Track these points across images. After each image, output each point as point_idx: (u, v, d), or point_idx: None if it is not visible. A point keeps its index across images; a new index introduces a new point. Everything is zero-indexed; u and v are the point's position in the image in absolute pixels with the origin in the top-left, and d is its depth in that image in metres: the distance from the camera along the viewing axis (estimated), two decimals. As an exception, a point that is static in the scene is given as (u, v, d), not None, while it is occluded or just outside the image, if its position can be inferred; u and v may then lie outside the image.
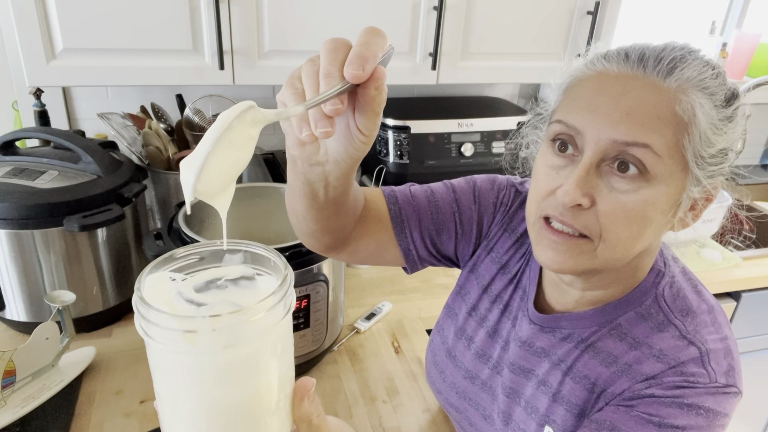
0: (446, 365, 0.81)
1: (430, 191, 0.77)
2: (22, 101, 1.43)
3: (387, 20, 1.28)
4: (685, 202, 0.56)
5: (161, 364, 0.38)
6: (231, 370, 0.38)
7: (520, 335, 0.71)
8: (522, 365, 0.70)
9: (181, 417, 0.40)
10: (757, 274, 1.52)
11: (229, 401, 0.38)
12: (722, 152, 0.55)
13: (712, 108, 0.53)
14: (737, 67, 2.12)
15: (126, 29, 1.13)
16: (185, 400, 0.39)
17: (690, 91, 0.52)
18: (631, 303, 0.63)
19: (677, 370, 0.58)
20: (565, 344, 0.66)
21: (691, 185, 0.55)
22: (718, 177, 0.57)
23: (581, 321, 0.65)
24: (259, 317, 0.37)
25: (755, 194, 2.15)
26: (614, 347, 0.63)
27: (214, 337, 0.36)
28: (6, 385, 0.88)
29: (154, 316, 0.35)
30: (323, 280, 0.94)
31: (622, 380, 0.61)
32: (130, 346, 1.08)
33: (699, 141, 0.53)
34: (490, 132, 1.50)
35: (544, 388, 0.67)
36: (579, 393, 0.64)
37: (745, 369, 0.69)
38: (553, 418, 0.66)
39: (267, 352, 0.39)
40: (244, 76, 1.24)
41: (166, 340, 0.36)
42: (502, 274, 0.76)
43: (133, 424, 0.90)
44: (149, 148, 1.30)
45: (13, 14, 1.06)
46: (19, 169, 1.04)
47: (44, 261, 1.00)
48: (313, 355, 1.00)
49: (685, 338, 0.60)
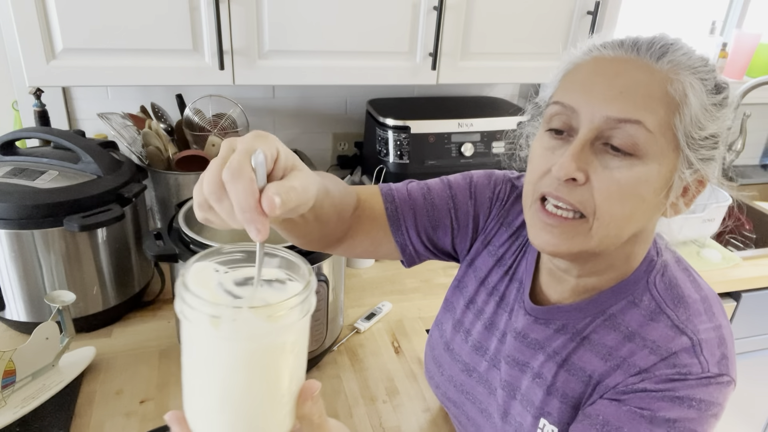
0: (444, 359, 0.81)
1: (426, 188, 0.78)
2: (22, 101, 1.43)
3: (387, 20, 1.28)
4: (677, 183, 0.57)
5: (189, 341, 0.43)
6: (246, 357, 0.41)
7: (516, 327, 0.71)
8: (517, 358, 0.71)
9: (197, 391, 0.44)
10: (757, 274, 1.52)
11: (241, 386, 0.42)
12: (713, 137, 0.56)
13: (703, 92, 0.54)
14: (737, 67, 2.12)
15: (126, 29, 1.13)
16: (203, 376, 0.43)
17: (682, 73, 0.54)
18: (623, 292, 0.64)
19: (669, 362, 0.59)
20: (559, 336, 0.67)
21: (683, 166, 0.56)
22: (711, 163, 0.58)
23: (575, 312, 0.66)
24: (279, 315, 0.41)
25: (755, 194, 2.15)
26: (609, 339, 0.63)
27: (235, 326, 0.40)
28: (6, 385, 0.88)
29: (190, 298, 0.40)
30: (323, 280, 0.94)
31: (617, 374, 0.61)
32: (130, 346, 1.08)
33: (690, 122, 0.54)
34: (490, 132, 1.50)
35: (539, 380, 0.68)
36: (574, 385, 0.65)
37: (745, 369, 0.69)
38: (548, 410, 0.66)
39: (282, 348, 0.43)
40: (244, 76, 1.24)
41: (196, 321, 0.40)
42: (498, 266, 0.76)
43: (133, 424, 0.90)
44: (149, 148, 1.30)
45: (13, 14, 1.06)
46: (19, 169, 1.04)
47: (44, 261, 1.00)
48: (313, 355, 1.00)
49: (677, 327, 0.60)
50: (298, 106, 1.67)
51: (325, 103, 1.69)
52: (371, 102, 1.58)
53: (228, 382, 0.42)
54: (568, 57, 0.61)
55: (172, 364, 1.04)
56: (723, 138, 0.58)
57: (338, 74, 1.30)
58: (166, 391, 0.98)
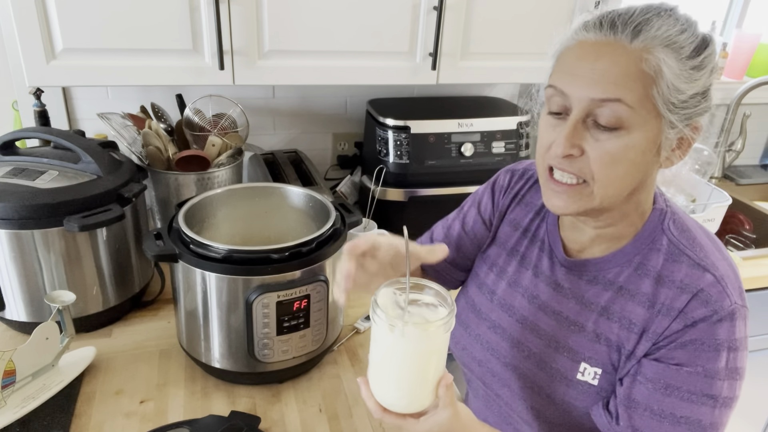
0: (471, 320, 0.89)
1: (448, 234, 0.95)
2: (22, 101, 1.43)
3: (387, 20, 1.28)
4: (666, 143, 0.65)
5: (376, 337, 0.66)
6: (409, 354, 0.64)
7: (549, 279, 0.80)
8: (553, 307, 0.79)
9: (379, 369, 0.68)
10: (757, 274, 1.52)
11: (405, 370, 0.65)
12: (695, 96, 0.63)
13: (677, 61, 0.61)
14: (737, 67, 2.12)
15: (126, 29, 1.13)
16: (383, 361, 0.67)
17: (655, 48, 0.61)
18: (643, 241, 0.72)
19: (701, 299, 0.66)
20: (591, 287, 0.75)
21: (667, 128, 0.63)
22: (698, 117, 0.65)
23: (603, 264, 0.74)
24: (431, 330, 0.63)
25: (755, 194, 2.15)
26: (644, 286, 0.71)
27: (404, 333, 0.62)
28: (6, 385, 0.88)
29: (378, 311, 0.63)
30: (323, 280, 0.94)
31: (659, 319, 0.69)
32: (130, 346, 1.08)
33: (668, 90, 0.61)
34: (490, 132, 1.50)
35: (575, 327, 0.76)
36: (618, 331, 0.72)
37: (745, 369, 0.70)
38: (589, 354, 0.74)
39: (431, 350, 0.65)
40: (244, 76, 1.24)
41: (380, 326, 0.64)
42: (516, 230, 0.86)
43: (133, 424, 0.90)
44: (149, 148, 1.30)
45: (13, 14, 1.06)
46: (19, 169, 1.04)
47: (44, 261, 1.00)
48: (313, 355, 1.00)
49: (699, 265, 0.68)
50: (298, 106, 1.67)
51: (325, 103, 1.69)
52: (371, 102, 1.58)
53: (398, 367, 0.65)
54: (559, 38, 0.69)
55: (172, 364, 1.04)
56: (711, 90, 0.64)
57: (338, 74, 1.30)
58: (165, 391, 0.98)
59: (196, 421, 0.89)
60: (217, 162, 1.36)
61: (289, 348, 0.96)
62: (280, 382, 1.01)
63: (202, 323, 0.95)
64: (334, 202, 1.06)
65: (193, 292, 0.93)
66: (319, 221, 1.03)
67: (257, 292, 0.88)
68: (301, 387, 1.01)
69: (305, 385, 1.01)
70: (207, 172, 1.32)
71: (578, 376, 0.75)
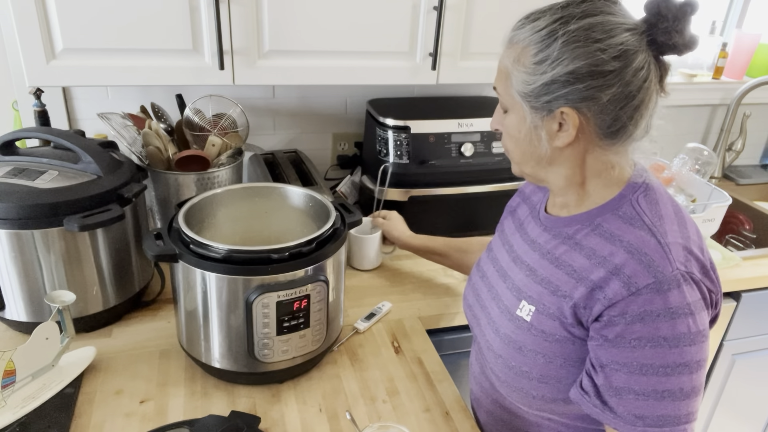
0: (474, 274, 1.02)
1: None
2: (22, 101, 1.43)
3: (387, 20, 1.28)
4: (539, 123, 0.75)
5: None
6: None
7: (529, 235, 0.90)
8: (519, 256, 0.89)
9: None
10: (757, 274, 1.52)
11: None
12: (549, 84, 0.72)
13: (522, 59, 0.74)
14: (737, 67, 2.13)
15: (126, 29, 1.13)
16: None
17: (513, 49, 0.76)
18: (609, 207, 0.78)
19: (644, 263, 0.70)
20: (553, 240, 0.84)
21: (528, 113, 0.76)
22: (567, 103, 0.71)
23: (569, 221, 0.83)
24: None
25: (755, 194, 2.15)
26: (593, 242, 0.77)
27: None
28: (6, 385, 0.88)
29: None
30: (323, 280, 0.94)
31: (598, 271, 0.74)
32: (130, 346, 1.08)
33: (518, 83, 0.75)
34: (490, 132, 1.50)
35: (527, 270, 0.86)
36: (559, 276, 0.79)
37: (745, 369, 0.70)
38: (529, 294, 0.83)
39: None
40: (244, 76, 1.24)
41: None
42: (524, 201, 0.99)
43: (133, 424, 0.90)
44: (149, 148, 1.30)
45: (13, 14, 1.06)
46: (19, 169, 1.04)
47: (44, 261, 1.00)
48: (313, 355, 1.00)
49: (650, 230, 0.73)
50: (298, 106, 1.67)
51: (325, 103, 1.69)
52: (371, 102, 1.58)
53: None
54: None
55: (172, 364, 1.04)
56: (577, 75, 0.70)
57: (338, 74, 1.30)
58: (165, 391, 0.98)
59: (196, 421, 0.89)
60: (217, 162, 1.36)
61: (289, 348, 0.96)
62: (280, 382, 1.02)
63: (202, 323, 0.95)
64: (334, 202, 1.06)
65: (193, 292, 0.93)
66: (319, 221, 1.03)
67: (257, 292, 0.89)
68: (301, 387, 1.01)
69: (305, 385, 1.01)
70: (207, 172, 1.32)
71: (517, 312, 0.84)
